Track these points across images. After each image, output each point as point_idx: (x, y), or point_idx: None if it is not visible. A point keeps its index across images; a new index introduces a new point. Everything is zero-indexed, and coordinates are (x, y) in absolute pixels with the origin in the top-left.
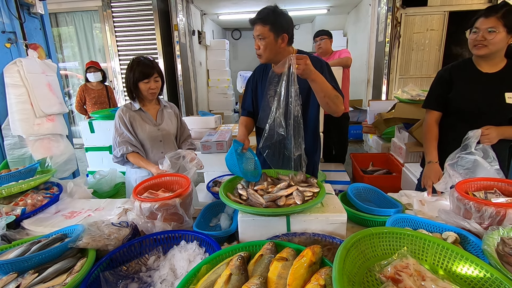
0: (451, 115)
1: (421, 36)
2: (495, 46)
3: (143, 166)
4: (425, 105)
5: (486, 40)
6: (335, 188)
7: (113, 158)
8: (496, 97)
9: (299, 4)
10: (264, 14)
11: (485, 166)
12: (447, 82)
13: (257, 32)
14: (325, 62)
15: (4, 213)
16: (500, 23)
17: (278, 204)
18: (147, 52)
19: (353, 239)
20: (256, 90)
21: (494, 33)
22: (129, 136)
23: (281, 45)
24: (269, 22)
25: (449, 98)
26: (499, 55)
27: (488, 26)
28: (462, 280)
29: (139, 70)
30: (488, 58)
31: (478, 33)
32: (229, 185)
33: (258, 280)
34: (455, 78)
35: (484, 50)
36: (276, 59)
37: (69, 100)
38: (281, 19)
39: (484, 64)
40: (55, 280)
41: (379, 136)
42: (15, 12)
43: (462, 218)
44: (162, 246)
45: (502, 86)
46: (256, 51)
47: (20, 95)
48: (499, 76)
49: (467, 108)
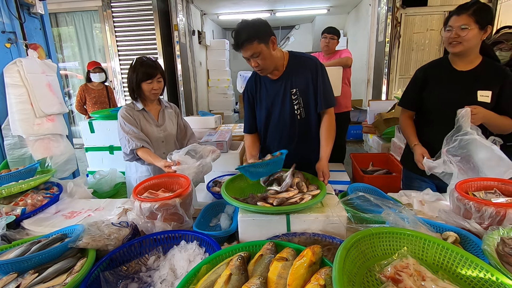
0: (426, 113)
1: (421, 36)
2: (469, 42)
3: (151, 162)
4: (400, 103)
5: (460, 37)
6: (335, 188)
7: (124, 156)
8: (468, 95)
9: (299, 4)
10: (244, 34)
11: (486, 144)
12: (421, 82)
13: (249, 52)
14: (320, 64)
15: (4, 213)
16: (472, 20)
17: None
18: (147, 52)
19: (353, 239)
20: (255, 103)
21: (467, 29)
22: (137, 131)
23: (273, 49)
24: (254, 36)
25: (423, 97)
26: (473, 52)
27: (460, 23)
28: (462, 280)
29: (142, 70)
30: (463, 55)
31: (452, 30)
32: (230, 184)
33: (258, 280)
34: (430, 77)
35: (459, 47)
36: (275, 65)
37: (69, 100)
38: (259, 26)
39: (459, 62)
40: (55, 280)
41: (379, 136)
42: (15, 12)
43: (462, 218)
44: (162, 246)
45: (475, 84)
46: (256, 68)
47: (20, 95)
48: (473, 74)
49: (439, 106)
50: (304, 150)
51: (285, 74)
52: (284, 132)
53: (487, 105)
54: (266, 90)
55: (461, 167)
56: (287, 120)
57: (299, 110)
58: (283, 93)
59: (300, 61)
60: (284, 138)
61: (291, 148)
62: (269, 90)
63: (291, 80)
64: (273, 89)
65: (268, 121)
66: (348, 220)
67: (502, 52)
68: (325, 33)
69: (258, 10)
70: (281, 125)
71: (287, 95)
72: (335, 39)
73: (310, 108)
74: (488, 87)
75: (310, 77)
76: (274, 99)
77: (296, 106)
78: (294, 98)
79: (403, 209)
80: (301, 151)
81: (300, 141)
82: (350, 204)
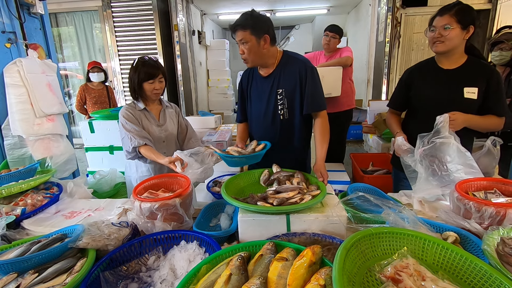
0: (413, 112)
1: (421, 36)
2: (452, 41)
3: (154, 159)
4: (388, 104)
5: (443, 36)
6: (335, 188)
7: (126, 155)
8: (454, 92)
9: (299, 4)
10: (243, 20)
11: (462, 151)
12: (405, 84)
13: (239, 37)
14: (311, 66)
15: (4, 213)
16: (454, 19)
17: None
18: (147, 52)
19: (353, 239)
20: (246, 96)
21: (449, 29)
22: (138, 129)
23: (264, 47)
24: (249, 26)
25: (410, 97)
26: (458, 51)
27: (443, 23)
28: (462, 280)
29: (144, 70)
30: (448, 54)
31: (435, 31)
32: (230, 184)
33: (258, 280)
34: (415, 78)
35: (441, 47)
36: (262, 62)
37: (69, 100)
38: (260, 21)
39: (444, 61)
40: (55, 280)
41: (379, 136)
42: (15, 12)
43: (462, 218)
44: (162, 246)
45: (461, 82)
46: (241, 56)
47: (20, 95)
48: (458, 72)
49: (425, 105)
50: (285, 152)
51: (275, 73)
52: (267, 129)
53: (474, 102)
54: (256, 85)
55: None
56: (270, 118)
57: (283, 110)
58: (269, 91)
59: (291, 62)
60: (267, 137)
61: (272, 148)
62: (258, 86)
63: (279, 80)
64: (262, 86)
65: (253, 116)
66: (348, 220)
67: (502, 52)
68: (327, 31)
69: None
70: (264, 122)
71: (273, 94)
72: (336, 38)
73: (295, 110)
74: (474, 84)
75: (298, 79)
76: (261, 96)
77: (280, 106)
78: (279, 98)
79: (403, 209)
80: (282, 151)
81: (281, 141)
82: (350, 204)
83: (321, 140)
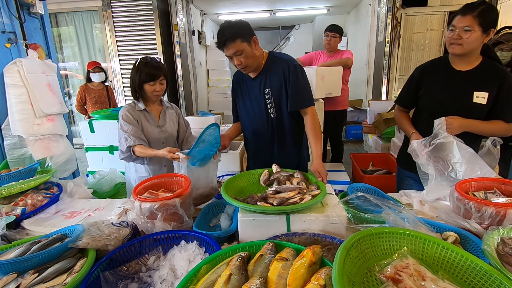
0: (421, 112)
1: (421, 36)
2: (470, 45)
3: (150, 154)
4: (396, 101)
5: (462, 39)
6: (335, 188)
7: (119, 154)
8: (463, 96)
9: (299, 4)
10: (226, 34)
11: (464, 147)
12: (416, 82)
13: (231, 51)
14: (295, 65)
15: (4, 213)
16: (476, 22)
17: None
18: (147, 52)
19: (353, 239)
20: (237, 99)
21: (470, 32)
22: (135, 130)
23: (256, 48)
24: (237, 35)
25: (418, 96)
26: (474, 53)
27: (464, 24)
28: (462, 280)
29: (145, 71)
30: (464, 56)
31: (455, 31)
32: (230, 184)
33: (258, 280)
34: (426, 77)
35: (459, 49)
36: (258, 63)
37: (69, 100)
38: (242, 27)
39: (458, 62)
40: (55, 280)
41: (379, 136)
42: (15, 12)
43: (462, 218)
44: (162, 246)
45: (472, 85)
46: (239, 67)
47: (20, 95)
48: (471, 74)
49: (434, 106)
50: (279, 148)
51: (262, 73)
52: (259, 128)
53: (483, 107)
54: (246, 86)
55: (440, 168)
56: (261, 117)
57: (272, 109)
58: (258, 91)
59: (276, 61)
60: (260, 135)
61: (266, 147)
62: (248, 87)
63: (265, 80)
64: (252, 87)
65: (246, 116)
66: (348, 220)
67: (503, 52)
68: (327, 31)
69: (258, 10)
70: (256, 121)
71: (262, 94)
72: (337, 37)
73: (282, 108)
74: (485, 88)
75: (282, 78)
76: (251, 96)
77: (269, 105)
78: (267, 97)
79: (403, 209)
80: (276, 148)
81: (273, 138)
82: (350, 204)
83: (314, 137)
